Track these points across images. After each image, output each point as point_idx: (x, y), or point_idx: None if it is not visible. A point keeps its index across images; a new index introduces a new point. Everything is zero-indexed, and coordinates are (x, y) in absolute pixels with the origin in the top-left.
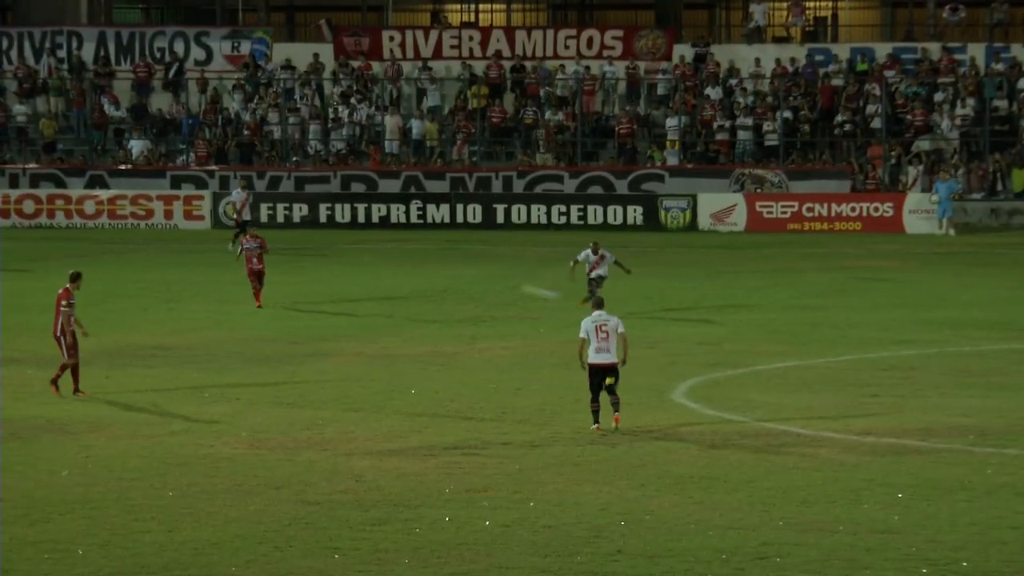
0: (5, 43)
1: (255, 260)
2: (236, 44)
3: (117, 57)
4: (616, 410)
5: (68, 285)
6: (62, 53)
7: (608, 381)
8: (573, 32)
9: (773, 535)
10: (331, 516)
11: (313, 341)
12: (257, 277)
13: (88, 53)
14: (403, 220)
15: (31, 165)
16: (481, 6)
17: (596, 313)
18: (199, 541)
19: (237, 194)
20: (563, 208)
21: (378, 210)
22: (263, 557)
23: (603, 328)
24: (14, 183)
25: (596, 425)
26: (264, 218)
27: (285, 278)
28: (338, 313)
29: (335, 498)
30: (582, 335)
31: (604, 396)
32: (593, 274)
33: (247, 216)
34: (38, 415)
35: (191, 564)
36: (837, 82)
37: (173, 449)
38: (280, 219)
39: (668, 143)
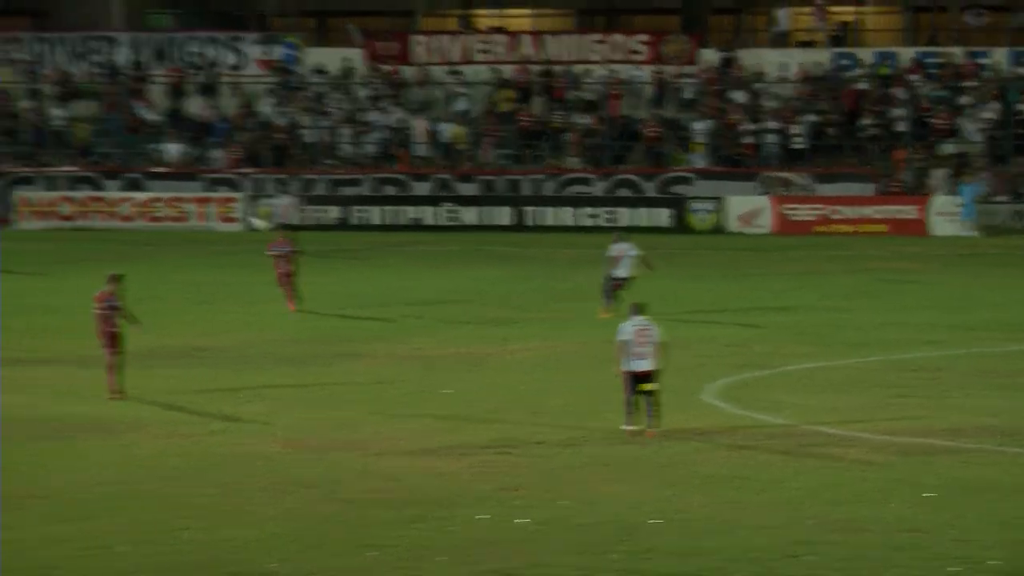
0: (42, 49)
1: (284, 263)
2: (268, 49)
3: (151, 62)
4: (651, 425)
5: (106, 287)
6: (97, 58)
7: (646, 387)
8: (600, 37)
9: (803, 534)
10: (366, 515)
11: (345, 342)
12: (286, 284)
13: (123, 58)
14: (433, 222)
15: (68, 168)
16: (509, 11)
17: (637, 319)
18: (238, 539)
19: (280, 200)
20: (591, 210)
21: (409, 212)
22: (300, 555)
23: (644, 334)
24: (51, 186)
25: (629, 426)
26: (296, 220)
27: (317, 280)
28: (370, 316)
29: (370, 497)
30: (621, 337)
31: (639, 399)
32: (615, 273)
33: (292, 219)
34: (78, 414)
35: (230, 561)
36: (861, 86)
37: (210, 448)
38: (312, 221)
39: (695, 146)
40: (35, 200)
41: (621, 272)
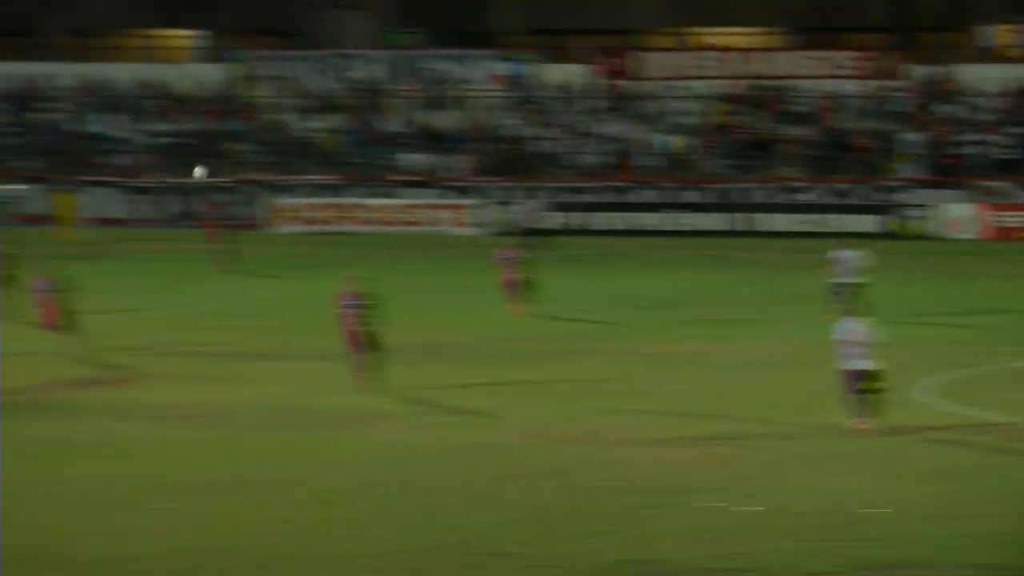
0: (294, 65)
1: (511, 270)
2: (501, 65)
3: (394, 77)
4: (868, 421)
5: (346, 288)
6: (344, 74)
7: (866, 385)
8: (813, 53)
9: (1017, 524)
10: (601, 501)
11: (575, 341)
12: (513, 286)
13: (367, 74)
14: (657, 228)
15: (316, 177)
16: (726, 29)
17: (849, 320)
18: (479, 523)
19: (523, 205)
20: (806, 217)
21: (633, 219)
22: (538, 539)
23: (861, 334)
24: (301, 193)
25: (854, 421)
26: (535, 226)
27: (548, 282)
28: (598, 317)
29: (604, 484)
30: (840, 337)
31: (858, 396)
32: (838, 278)
33: (533, 224)
34: (330, 406)
35: (472, 544)
36: None
37: (452, 438)
38: (544, 227)
39: (905, 157)
40: (286, 206)
41: (844, 278)
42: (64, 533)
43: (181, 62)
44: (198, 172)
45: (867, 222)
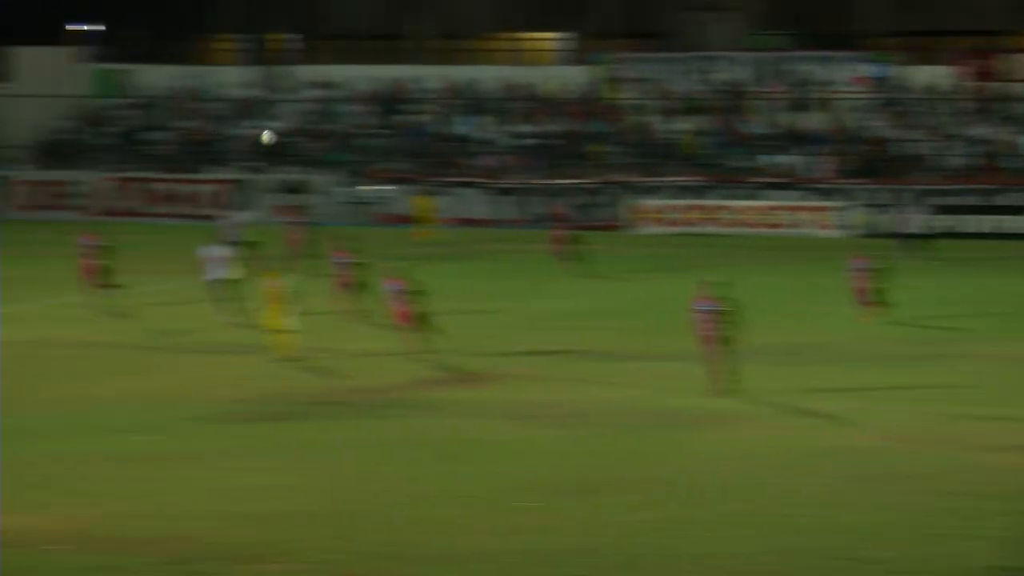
0: (656, 68)
1: (862, 278)
2: (864, 66)
3: (757, 79)
4: None
5: (703, 292)
6: (707, 76)
7: None
8: None
9: None
10: (966, 506)
11: (938, 344)
12: (867, 291)
13: (731, 76)
14: (1020, 231)
15: (678, 178)
16: None
17: None
18: (849, 526)
19: (896, 209)
20: None
21: (1000, 221)
22: (903, 543)
23: None
24: (663, 194)
25: None
26: (910, 230)
27: (913, 284)
28: (957, 321)
29: (968, 489)
30: None
31: None
32: None
33: (907, 229)
34: (686, 408)
35: (843, 548)
36: None
37: (808, 441)
38: (914, 231)
39: None
40: (649, 207)
41: None
42: (431, 529)
43: (546, 64)
44: (267, 136)
45: None
